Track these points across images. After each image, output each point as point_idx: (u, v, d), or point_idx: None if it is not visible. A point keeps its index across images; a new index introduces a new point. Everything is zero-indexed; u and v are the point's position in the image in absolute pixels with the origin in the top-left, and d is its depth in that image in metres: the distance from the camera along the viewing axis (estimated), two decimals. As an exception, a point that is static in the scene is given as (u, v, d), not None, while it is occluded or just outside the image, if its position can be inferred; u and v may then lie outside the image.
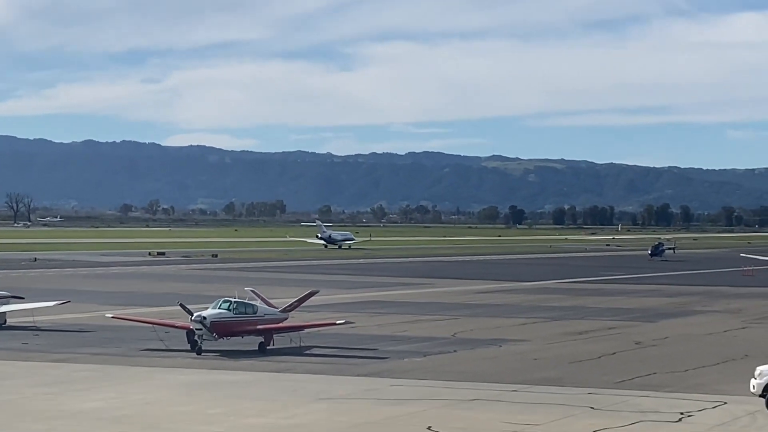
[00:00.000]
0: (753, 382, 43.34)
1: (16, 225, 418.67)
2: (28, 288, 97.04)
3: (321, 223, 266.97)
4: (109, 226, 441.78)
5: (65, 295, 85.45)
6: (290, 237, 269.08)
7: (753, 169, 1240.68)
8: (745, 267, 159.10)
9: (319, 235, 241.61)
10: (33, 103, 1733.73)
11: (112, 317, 69.27)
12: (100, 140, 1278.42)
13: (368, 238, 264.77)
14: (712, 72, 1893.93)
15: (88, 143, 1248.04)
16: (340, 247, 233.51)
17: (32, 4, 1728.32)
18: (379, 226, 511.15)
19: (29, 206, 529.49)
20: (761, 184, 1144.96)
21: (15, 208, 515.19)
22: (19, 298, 77.64)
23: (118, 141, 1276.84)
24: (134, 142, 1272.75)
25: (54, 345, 63.41)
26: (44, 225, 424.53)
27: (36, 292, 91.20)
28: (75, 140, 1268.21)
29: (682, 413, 42.91)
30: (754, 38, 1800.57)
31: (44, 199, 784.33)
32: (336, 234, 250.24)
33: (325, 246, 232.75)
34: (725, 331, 75.94)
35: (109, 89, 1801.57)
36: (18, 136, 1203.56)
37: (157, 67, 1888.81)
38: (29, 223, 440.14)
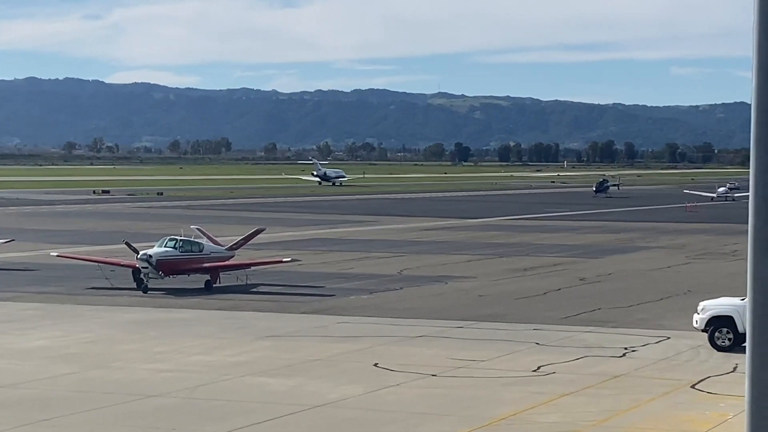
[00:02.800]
0: (696, 317, 43.78)
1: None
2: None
3: (317, 161, 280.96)
4: (52, 164, 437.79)
5: (9, 234, 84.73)
6: (285, 175, 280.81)
7: (697, 106, 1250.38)
8: (689, 203, 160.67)
9: (315, 173, 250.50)
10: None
11: (57, 256, 68.78)
12: (43, 77, 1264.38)
13: (362, 176, 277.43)
14: (656, 8, 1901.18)
15: (31, 80, 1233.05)
16: (333, 183, 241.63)
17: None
18: (367, 163, 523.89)
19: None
20: (704, 120, 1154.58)
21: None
22: (-38, 237, 77.03)
23: (60, 78, 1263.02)
24: (77, 79, 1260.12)
25: (-2, 284, 62.87)
26: None
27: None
28: (17, 77, 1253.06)
29: (626, 348, 43.32)
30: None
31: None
32: (330, 171, 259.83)
33: (320, 183, 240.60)
34: (668, 267, 76.66)
35: (50, 25, 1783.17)
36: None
37: (99, 3, 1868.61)
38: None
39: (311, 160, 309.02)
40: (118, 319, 50.46)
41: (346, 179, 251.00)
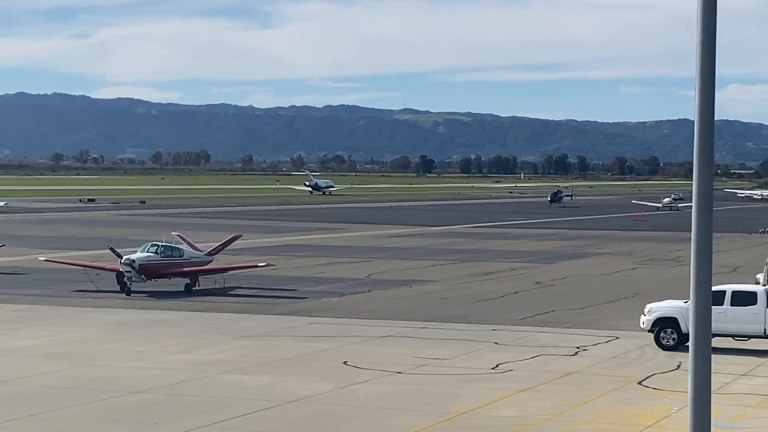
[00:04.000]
0: (643, 318, 44.00)
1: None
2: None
3: (309, 173, 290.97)
4: (41, 174, 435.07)
5: (0, 240, 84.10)
6: (279, 184, 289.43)
7: (644, 122, 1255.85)
8: (636, 212, 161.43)
9: (307, 183, 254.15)
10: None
11: (45, 260, 68.38)
12: (32, 92, 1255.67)
13: (350, 185, 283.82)
14: (607, 31, 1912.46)
15: (21, 95, 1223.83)
16: (323, 193, 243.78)
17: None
18: (353, 175, 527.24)
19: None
20: (651, 136, 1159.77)
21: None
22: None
23: (49, 93, 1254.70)
24: (65, 94, 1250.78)
25: (-11, 287, 62.40)
26: None
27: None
28: (8, 92, 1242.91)
29: (578, 347, 43.47)
30: (643, 0, 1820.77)
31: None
32: (321, 182, 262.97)
33: (311, 192, 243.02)
34: (617, 272, 76.97)
35: (39, 44, 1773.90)
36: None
37: (86, 23, 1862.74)
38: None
39: (305, 172, 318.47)
40: (102, 320, 50.20)
41: (334, 189, 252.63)
